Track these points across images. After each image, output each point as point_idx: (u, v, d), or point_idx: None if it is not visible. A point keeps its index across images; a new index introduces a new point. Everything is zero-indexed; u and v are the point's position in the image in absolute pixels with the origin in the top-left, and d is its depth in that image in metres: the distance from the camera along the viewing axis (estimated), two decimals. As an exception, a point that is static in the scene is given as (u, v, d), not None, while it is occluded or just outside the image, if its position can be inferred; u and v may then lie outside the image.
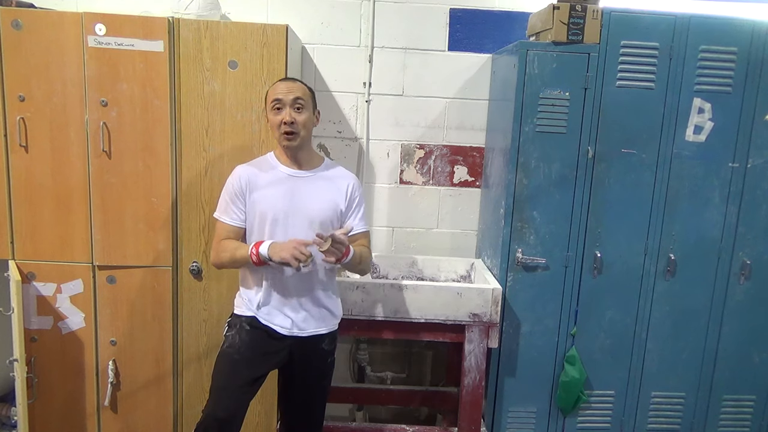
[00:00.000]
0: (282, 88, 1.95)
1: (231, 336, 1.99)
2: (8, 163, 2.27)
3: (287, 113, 1.92)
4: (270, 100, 1.95)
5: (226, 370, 1.95)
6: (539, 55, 2.33)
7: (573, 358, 2.51)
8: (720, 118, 2.39)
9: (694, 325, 2.53)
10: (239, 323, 1.99)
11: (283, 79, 2.06)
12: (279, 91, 1.94)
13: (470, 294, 2.34)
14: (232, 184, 1.98)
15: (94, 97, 2.23)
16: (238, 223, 1.98)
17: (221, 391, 1.93)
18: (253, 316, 1.98)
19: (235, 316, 2.03)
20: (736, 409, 2.62)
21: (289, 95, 1.93)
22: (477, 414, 2.45)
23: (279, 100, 1.93)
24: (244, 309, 2.00)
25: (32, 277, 2.34)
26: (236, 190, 1.97)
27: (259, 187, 1.96)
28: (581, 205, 2.44)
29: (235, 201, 1.97)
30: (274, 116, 1.94)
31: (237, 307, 2.04)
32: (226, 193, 2.00)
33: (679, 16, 2.34)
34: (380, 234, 2.95)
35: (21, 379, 2.26)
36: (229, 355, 1.96)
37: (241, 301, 2.03)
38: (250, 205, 1.96)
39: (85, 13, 2.20)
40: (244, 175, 1.98)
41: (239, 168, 2.01)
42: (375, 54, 2.82)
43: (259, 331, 1.98)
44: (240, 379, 1.93)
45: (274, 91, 1.96)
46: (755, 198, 2.46)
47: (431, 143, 2.90)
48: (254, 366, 1.96)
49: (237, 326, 1.99)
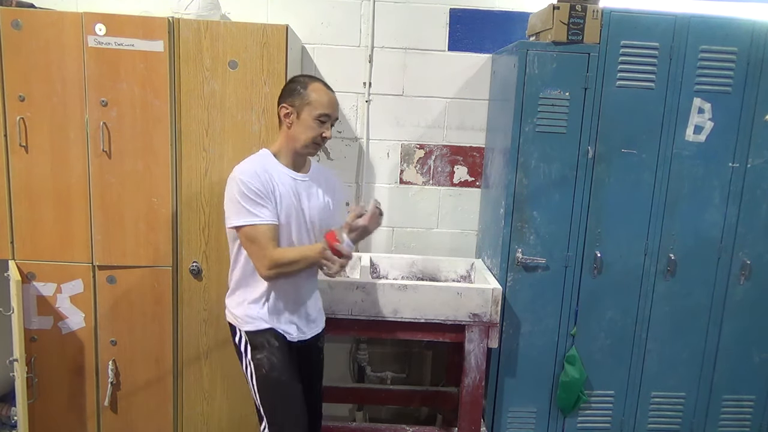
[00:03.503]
0: (331, 102, 1.87)
1: (265, 358, 1.87)
2: (8, 163, 2.27)
3: (329, 130, 1.88)
4: (317, 112, 1.84)
5: (286, 395, 1.88)
6: (539, 55, 2.33)
7: (573, 358, 2.51)
8: (720, 118, 2.39)
9: (694, 325, 2.53)
10: (264, 341, 1.88)
11: (327, 87, 1.90)
12: (328, 105, 1.86)
13: (470, 294, 2.34)
14: (250, 183, 1.79)
15: (94, 97, 2.23)
16: (276, 221, 1.82)
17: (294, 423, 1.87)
18: (270, 328, 1.89)
19: (252, 333, 1.89)
20: (736, 409, 2.62)
21: (335, 112, 1.89)
22: (477, 414, 2.45)
23: (328, 116, 1.86)
24: (258, 323, 1.89)
25: (32, 277, 2.34)
26: (259, 188, 1.79)
27: (277, 186, 1.85)
28: (581, 205, 2.44)
29: (264, 199, 1.80)
30: (317, 128, 1.85)
31: (246, 323, 1.89)
32: (245, 196, 1.78)
33: (679, 16, 2.34)
34: (380, 234, 2.95)
35: (21, 379, 2.26)
36: (277, 380, 1.87)
37: (247, 316, 1.90)
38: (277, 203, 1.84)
39: (85, 13, 2.20)
40: (260, 172, 1.82)
41: (249, 167, 1.83)
42: (375, 54, 2.82)
43: (281, 341, 1.90)
44: (299, 400, 1.88)
45: (322, 103, 1.85)
46: (755, 198, 2.46)
47: (431, 143, 2.90)
48: (297, 379, 1.90)
49: (264, 345, 1.87)
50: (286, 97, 1.89)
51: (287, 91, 1.90)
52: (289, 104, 1.87)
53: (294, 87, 1.89)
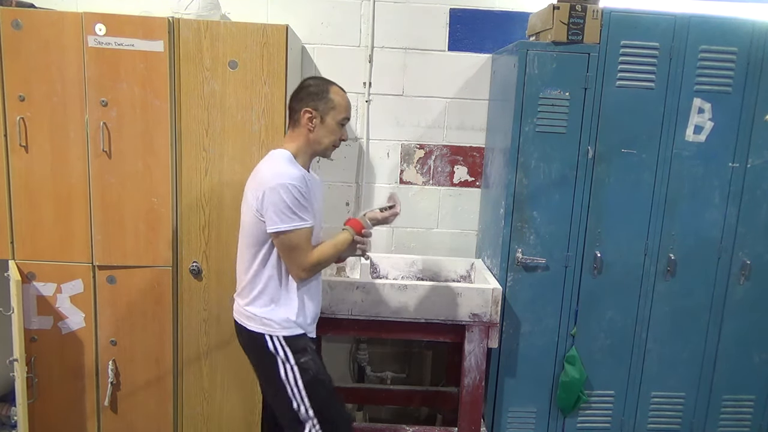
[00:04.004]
0: (350, 105, 1.97)
1: (311, 360, 1.91)
2: (8, 163, 2.26)
3: (346, 132, 1.98)
4: (341, 116, 1.92)
5: (335, 394, 1.97)
6: (539, 55, 2.33)
7: (573, 358, 2.51)
8: (720, 118, 2.39)
9: (694, 325, 2.53)
10: (305, 344, 1.92)
11: (343, 90, 1.98)
12: (348, 107, 1.95)
13: (470, 294, 2.34)
14: (301, 188, 1.81)
15: (94, 97, 2.23)
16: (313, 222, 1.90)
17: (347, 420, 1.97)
18: (304, 333, 1.94)
19: (291, 338, 1.90)
20: (736, 409, 2.62)
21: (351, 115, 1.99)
22: (477, 414, 2.45)
23: (348, 119, 1.95)
24: (295, 329, 1.91)
25: (32, 277, 2.34)
26: (306, 193, 1.84)
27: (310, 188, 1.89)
28: (581, 205, 2.44)
29: (308, 202, 1.85)
30: (339, 131, 1.94)
31: (283, 329, 1.90)
32: (296, 201, 1.80)
33: (679, 16, 2.34)
34: (380, 234, 2.95)
35: (21, 379, 2.26)
36: (325, 381, 1.94)
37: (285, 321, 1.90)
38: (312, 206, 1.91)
39: (85, 13, 2.20)
40: (303, 175, 1.86)
41: (295, 172, 1.84)
42: (375, 54, 2.82)
43: (313, 343, 1.98)
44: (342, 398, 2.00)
45: (345, 106, 1.93)
46: (755, 198, 2.46)
47: (431, 143, 2.90)
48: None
49: (307, 349, 1.92)
50: (308, 101, 1.90)
51: (308, 94, 1.91)
52: (313, 108, 1.89)
53: (315, 91, 1.91)
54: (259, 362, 1.97)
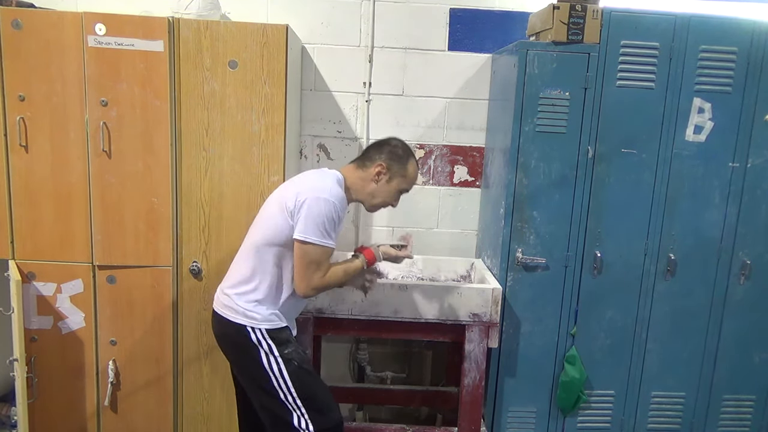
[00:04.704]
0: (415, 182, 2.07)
1: (294, 351, 1.93)
2: (8, 163, 2.26)
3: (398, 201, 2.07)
4: (405, 186, 2.03)
5: (320, 383, 2.01)
6: (539, 55, 2.33)
7: (573, 358, 2.51)
8: (720, 118, 2.39)
9: (694, 324, 2.54)
10: (287, 336, 1.95)
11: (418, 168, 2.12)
12: (413, 182, 2.06)
13: (470, 294, 2.34)
14: (341, 212, 1.89)
15: (94, 96, 2.23)
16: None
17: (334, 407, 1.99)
18: (286, 326, 1.97)
19: (274, 330, 1.93)
20: (736, 408, 2.62)
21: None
22: (477, 414, 2.45)
23: (407, 192, 2.06)
24: (277, 322, 1.94)
25: (32, 277, 2.34)
26: (342, 217, 1.92)
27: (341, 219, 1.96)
28: (581, 205, 2.44)
29: (339, 226, 1.92)
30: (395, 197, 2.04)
31: (267, 322, 1.92)
32: (332, 220, 1.86)
33: (679, 16, 2.34)
34: (380, 234, 2.95)
35: (21, 379, 2.26)
36: (309, 371, 1.97)
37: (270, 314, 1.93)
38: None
39: (85, 13, 2.20)
40: (345, 203, 1.94)
41: (340, 193, 1.91)
42: (375, 54, 2.82)
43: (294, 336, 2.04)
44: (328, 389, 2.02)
45: (413, 180, 2.05)
46: (755, 198, 2.46)
47: (431, 143, 2.90)
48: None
49: (290, 340, 1.95)
50: (387, 157, 1.99)
51: (390, 152, 2.00)
52: (387, 166, 1.99)
53: (398, 153, 2.01)
54: (241, 355, 1.96)
